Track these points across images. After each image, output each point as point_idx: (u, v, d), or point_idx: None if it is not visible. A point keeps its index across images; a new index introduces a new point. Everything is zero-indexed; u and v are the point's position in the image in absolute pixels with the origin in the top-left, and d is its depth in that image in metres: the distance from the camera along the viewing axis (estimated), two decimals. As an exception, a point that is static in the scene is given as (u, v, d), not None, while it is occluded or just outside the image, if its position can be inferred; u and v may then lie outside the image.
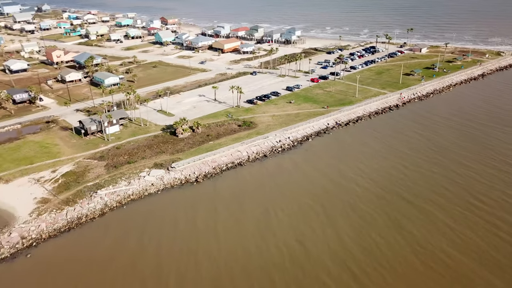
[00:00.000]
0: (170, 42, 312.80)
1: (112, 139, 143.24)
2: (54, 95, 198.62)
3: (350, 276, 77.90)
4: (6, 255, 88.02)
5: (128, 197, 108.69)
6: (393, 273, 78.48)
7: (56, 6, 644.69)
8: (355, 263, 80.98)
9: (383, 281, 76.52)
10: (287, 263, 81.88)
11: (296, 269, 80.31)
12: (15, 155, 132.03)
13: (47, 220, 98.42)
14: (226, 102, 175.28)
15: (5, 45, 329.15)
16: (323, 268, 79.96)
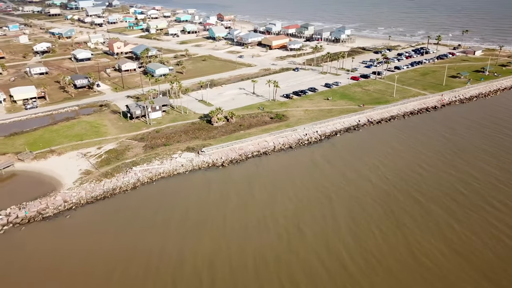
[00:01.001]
0: (222, 38, 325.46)
1: (154, 123, 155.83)
2: (110, 82, 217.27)
3: (341, 265, 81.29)
4: (49, 215, 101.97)
5: (158, 175, 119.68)
6: (384, 266, 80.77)
7: (125, 1, 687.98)
8: (349, 254, 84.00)
9: (374, 272, 79.09)
10: (283, 247, 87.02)
11: (291, 254, 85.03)
12: (69, 132, 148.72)
13: (86, 189, 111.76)
14: (264, 96, 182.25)
15: (76, 36, 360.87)
16: (318, 256, 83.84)
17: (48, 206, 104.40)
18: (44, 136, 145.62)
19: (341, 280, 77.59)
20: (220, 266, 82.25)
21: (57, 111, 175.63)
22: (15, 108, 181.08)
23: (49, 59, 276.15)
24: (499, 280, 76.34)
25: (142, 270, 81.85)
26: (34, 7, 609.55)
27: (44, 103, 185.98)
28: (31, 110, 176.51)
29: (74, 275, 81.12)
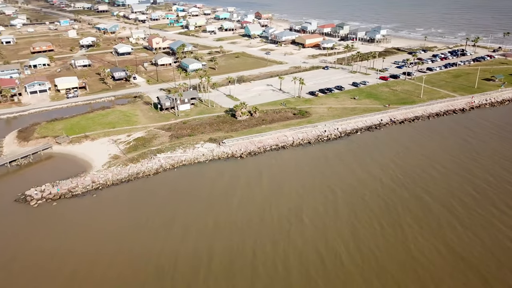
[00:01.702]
0: (257, 35, 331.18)
1: (182, 115, 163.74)
2: (146, 76, 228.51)
3: (335, 255, 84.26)
4: (78, 193, 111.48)
5: (180, 162, 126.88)
6: (379, 260, 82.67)
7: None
8: (345, 246, 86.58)
9: (367, 265, 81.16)
10: (282, 236, 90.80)
11: (289, 242, 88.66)
12: (103, 120, 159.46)
13: (113, 172, 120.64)
14: (289, 93, 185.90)
15: (119, 31, 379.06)
16: (315, 246, 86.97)
17: (78, 185, 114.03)
18: (81, 122, 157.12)
19: (334, 270, 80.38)
20: (220, 247, 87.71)
21: (95, 100, 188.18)
22: (58, 96, 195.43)
23: (93, 53, 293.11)
24: (493, 282, 76.50)
25: (151, 243, 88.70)
26: (85, 4, 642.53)
27: (84, 93, 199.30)
28: (72, 99, 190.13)
29: (93, 245, 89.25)
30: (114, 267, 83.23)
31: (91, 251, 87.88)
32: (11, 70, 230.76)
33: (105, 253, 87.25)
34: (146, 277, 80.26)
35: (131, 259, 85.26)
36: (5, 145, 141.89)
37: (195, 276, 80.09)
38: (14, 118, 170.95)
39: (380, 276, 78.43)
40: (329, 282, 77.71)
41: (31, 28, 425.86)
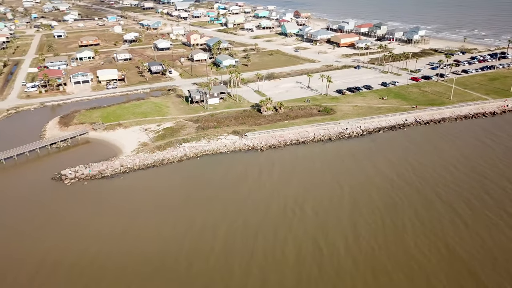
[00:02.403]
0: (293, 34, 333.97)
1: (210, 108, 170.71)
2: (182, 70, 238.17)
3: (333, 245, 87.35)
4: (107, 175, 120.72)
5: (203, 152, 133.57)
6: (375, 252, 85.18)
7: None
8: (344, 238, 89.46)
9: (362, 257, 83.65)
10: (285, 225, 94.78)
11: (289, 230, 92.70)
12: (136, 110, 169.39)
13: (141, 157, 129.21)
14: (317, 90, 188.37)
15: (161, 28, 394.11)
16: (313, 236, 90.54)
17: (107, 168, 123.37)
18: (116, 111, 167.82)
19: (330, 259, 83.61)
20: (224, 227, 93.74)
21: (132, 92, 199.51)
22: (99, 87, 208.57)
23: (135, 47, 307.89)
24: (487, 282, 76.93)
25: (164, 221, 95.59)
26: (132, 1, 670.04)
27: (123, 85, 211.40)
28: (111, 90, 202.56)
29: (116, 222, 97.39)
30: (138, 241, 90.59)
31: (113, 226, 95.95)
32: (59, 61, 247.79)
33: (127, 229, 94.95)
34: (159, 250, 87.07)
35: (150, 235, 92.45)
36: (48, 129, 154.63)
37: (201, 251, 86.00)
38: (58, 106, 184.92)
39: (374, 269, 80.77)
40: (323, 269, 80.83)
41: (81, 23, 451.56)
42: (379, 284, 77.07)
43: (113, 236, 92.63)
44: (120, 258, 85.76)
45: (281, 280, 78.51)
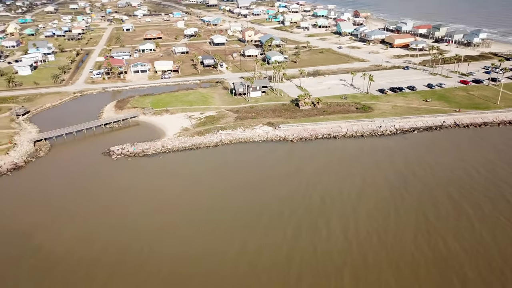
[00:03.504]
0: (348, 33, 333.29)
1: (252, 100, 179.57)
2: (232, 65, 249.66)
3: (342, 232, 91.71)
4: (149, 153, 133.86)
5: (237, 139, 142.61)
6: (385, 240, 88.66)
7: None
8: (355, 225, 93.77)
9: (369, 246, 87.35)
10: (301, 209, 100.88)
11: (305, 213, 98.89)
12: (184, 99, 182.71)
13: (180, 140, 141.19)
14: (360, 88, 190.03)
15: (221, 24, 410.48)
16: (324, 220, 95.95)
17: (150, 148, 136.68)
18: (165, 99, 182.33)
19: (335, 243, 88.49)
20: (244, 205, 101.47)
21: (183, 82, 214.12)
22: (154, 76, 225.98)
23: (193, 42, 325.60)
24: (492, 283, 77.63)
25: (192, 197, 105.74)
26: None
27: (176, 75, 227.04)
28: (164, 80, 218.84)
29: (152, 195, 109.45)
30: (170, 214, 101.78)
31: (145, 200, 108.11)
32: (123, 52, 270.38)
33: (161, 202, 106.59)
34: (185, 223, 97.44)
35: (182, 209, 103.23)
36: (105, 111, 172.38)
37: (219, 225, 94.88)
38: (117, 91, 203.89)
39: (366, 254, 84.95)
40: (327, 250, 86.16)
41: (149, 18, 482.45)
42: (367, 271, 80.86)
43: (150, 208, 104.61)
44: (150, 220, 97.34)
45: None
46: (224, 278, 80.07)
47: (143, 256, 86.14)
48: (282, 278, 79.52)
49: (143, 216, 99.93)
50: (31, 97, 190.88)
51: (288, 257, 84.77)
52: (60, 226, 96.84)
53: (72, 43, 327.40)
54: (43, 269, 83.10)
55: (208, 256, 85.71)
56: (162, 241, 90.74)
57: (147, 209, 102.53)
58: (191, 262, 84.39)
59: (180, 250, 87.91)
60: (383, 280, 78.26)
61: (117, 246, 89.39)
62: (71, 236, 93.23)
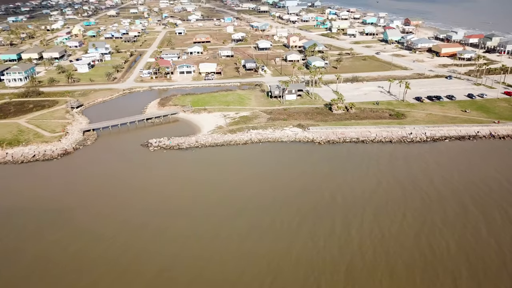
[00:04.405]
0: (394, 41, 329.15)
1: (286, 103, 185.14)
2: (273, 69, 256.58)
3: (347, 227, 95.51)
4: (183, 147, 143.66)
5: (266, 139, 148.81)
6: (394, 237, 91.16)
7: (327, 3, 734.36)
8: (361, 221, 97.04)
9: (371, 241, 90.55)
10: (311, 203, 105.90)
11: (314, 210, 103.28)
12: (222, 99, 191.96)
13: (213, 137, 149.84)
14: (396, 96, 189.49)
15: (268, 30, 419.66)
16: (330, 217, 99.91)
17: (184, 142, 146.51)
18: (205, 98, 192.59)
19: (341, 237, 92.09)
20: (262, 198, 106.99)
21: (224, 84, 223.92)
22: (198, 78, 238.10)
23: (239, 46, 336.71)
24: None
25: (218, 189, 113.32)
26: (250, 4, 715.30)
27: (219, 77, 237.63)
28: (207, 81, 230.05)
29: (184, 183, 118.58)
30: (193, 201, 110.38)
31: (176, 187, 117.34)
32: (172, 54, 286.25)
33: (192, 190, 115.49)
34: (208, 212, 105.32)
35: (210, 198, 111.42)
36: (149, 108, 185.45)
37: (237, 212, 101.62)
38: (162, 90, 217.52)
39: (375, 250, 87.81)
40: (330, 244, 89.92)
41: (201, 23, 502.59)
42: (374, 266, 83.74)
43: (173, 193, 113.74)
44: (179, 206, 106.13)
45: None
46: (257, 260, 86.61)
47: (168, 233, 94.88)
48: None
49: (171, 199, 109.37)
50: (86, 92, 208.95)
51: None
52: (97, 206, 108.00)
53: (128, 45, 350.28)
54: (80, 243, 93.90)
55: (219, 238, 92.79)
56: (184, 220, 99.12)
57: (175, 195, 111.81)
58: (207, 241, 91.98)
59: (197, 229, 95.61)
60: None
61: (147, 224, 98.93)
62: (107, 215, 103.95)
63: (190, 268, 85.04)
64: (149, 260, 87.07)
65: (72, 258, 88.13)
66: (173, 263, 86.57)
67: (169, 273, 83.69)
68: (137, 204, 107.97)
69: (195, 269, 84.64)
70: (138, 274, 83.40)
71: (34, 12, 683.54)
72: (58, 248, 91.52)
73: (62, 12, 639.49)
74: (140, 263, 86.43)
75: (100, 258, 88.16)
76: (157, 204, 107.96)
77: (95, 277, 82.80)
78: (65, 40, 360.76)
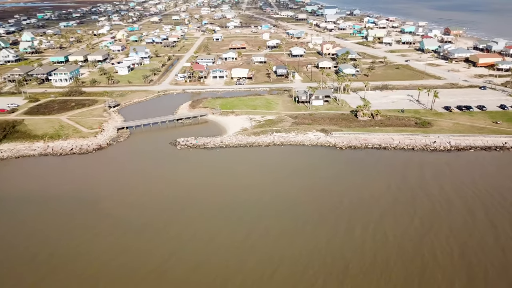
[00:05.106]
0: (431, 50, 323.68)
1: (312, 108, 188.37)
2: (304, 75, 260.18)
3: (351, 228, 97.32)
4: (208, 147, 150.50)
5: (288, 142, 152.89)
6: (397, 240, 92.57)
7: (366, 11, 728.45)
8: (376, 225, 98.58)
9: (384, 240, 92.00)
10: (326, 206, 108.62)
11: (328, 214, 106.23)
12: (250, 103, 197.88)
13: (237, 138, 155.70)
14: (425, 104, 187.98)
15: (303, 37, 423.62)
16: (344, 219, 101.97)
17: (210, 142, 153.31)
18: (234, 102, 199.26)
19: (344, 238, 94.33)
20: (276, 198, 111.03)
21: (254, 89, 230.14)
22: (230, 82, 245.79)
23: (273, 52, 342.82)
24: None
25: (237, 184, 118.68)
26: (289, 12, 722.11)
27: (249, 82, 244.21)
28: (238, 86, 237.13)
29: (208, 179, 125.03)
30: (221, 196, 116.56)
31: (207, 181, 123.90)
32: (207, 59, 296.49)
33: (214, 184, 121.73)
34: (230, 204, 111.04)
35: (228, 194, 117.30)
36: (180, 109, 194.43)
37: (258, 212, 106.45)
38: (195, 93, 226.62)
39: (376, 253, 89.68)
40: (348, 246, 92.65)
41: (238, 29, 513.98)
42: (374, 267, 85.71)
43: (194, 187, 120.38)
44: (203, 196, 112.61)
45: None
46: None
47: (184, 219, 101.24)
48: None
49: (191, 193, 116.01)
50: (124, 93, 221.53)
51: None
52: (122, 195, 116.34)
53: (167, 50, 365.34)
54: (105, 225, 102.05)
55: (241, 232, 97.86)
56: (201, 210, 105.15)
57: (196, 188, 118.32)
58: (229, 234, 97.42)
59: (217, 220, 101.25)
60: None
61: (168, 211, 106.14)
62: (131, 202, 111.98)
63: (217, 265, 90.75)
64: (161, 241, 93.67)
65: (96, 240, 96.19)
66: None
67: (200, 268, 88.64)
68: (161, 194, 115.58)
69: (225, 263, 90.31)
70: (136, 271, 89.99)
71: (84, 18, 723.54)
72: (87, 232, 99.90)
73: (109, 18, 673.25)
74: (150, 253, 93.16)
75: (116, 242, 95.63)
76: (176, 197, 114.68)
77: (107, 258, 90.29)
78: (109, 44, 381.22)
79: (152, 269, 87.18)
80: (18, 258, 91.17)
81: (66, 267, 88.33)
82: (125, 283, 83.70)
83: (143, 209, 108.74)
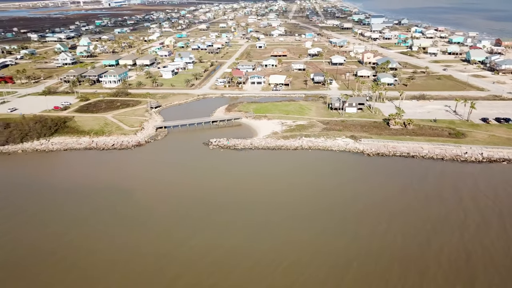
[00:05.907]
0: (477, 61, 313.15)
1: (345, 115, 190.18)
2: (341, 83, 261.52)
3: (369, 226, 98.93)
4: (238, 148, 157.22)
5: (316, 147, 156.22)
6: (407, 242, 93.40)
7: (415, 21, 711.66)
8: (387, 228, 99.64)
9: (392, 239, 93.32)
10: (345, 209, 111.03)
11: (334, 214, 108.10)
12: (283, 108, 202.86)
13: (266, 141, 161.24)
14: (462, 115, 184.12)
15: (346, 46, 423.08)
16: (361, 220, 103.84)
17: (240, 143, 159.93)
18: (267, 107, 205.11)
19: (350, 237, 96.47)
20: (295, 202, 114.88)
21: (289, 95, 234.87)
22: (267, 88, 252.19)
23: (313, 60, 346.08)
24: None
25: (264, 182, 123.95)
26: (334, 21, 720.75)
27: (286, 89, 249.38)
28: (275, 91, 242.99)
29: (235, 177, 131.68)
30: (246, 193, 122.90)
31: (234, 178, 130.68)
32: (247, 66, 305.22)
33: (241, 181, 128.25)
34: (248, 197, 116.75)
35: (254, 190, 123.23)
36: (216, 112, 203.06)
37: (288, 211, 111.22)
38: (232, 98, 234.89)
39: (384, 251, 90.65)
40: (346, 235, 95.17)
41: (282, 38, 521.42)
42: (378, 267, 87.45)
43: (223, 183, 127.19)
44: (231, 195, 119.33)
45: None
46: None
47: (216, 209, 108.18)
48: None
49: (219, 189, 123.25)
50: (166, 95, 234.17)
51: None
52: (155, 190, 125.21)
53: (210, 56, 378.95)
54: (139, 216, 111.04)
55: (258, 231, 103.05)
56: (231, 204, 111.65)
57: (224, 184, 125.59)
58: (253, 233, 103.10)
59: (245, 217, 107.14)
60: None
61: (199, 204, 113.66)
62: (165, 196, 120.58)
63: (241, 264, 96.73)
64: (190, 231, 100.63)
65: (127, 227, 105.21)
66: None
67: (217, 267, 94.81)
68: (191, 188, 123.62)
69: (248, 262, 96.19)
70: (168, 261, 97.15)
71: (137, 25, 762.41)
72: (118, 220, 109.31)
73: (160, 25, 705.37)
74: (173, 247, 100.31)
75: (144, 232, 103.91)
76: (203, 193, 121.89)
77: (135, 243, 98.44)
78: (157, 49, 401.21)
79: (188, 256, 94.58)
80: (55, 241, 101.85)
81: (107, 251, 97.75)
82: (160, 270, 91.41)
83: (177, 203, 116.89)
